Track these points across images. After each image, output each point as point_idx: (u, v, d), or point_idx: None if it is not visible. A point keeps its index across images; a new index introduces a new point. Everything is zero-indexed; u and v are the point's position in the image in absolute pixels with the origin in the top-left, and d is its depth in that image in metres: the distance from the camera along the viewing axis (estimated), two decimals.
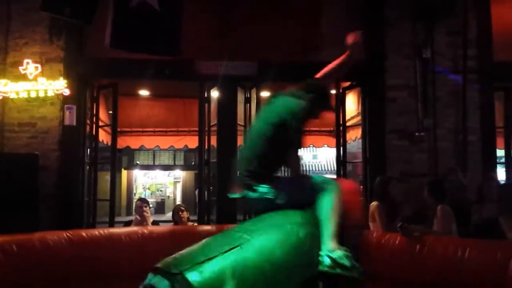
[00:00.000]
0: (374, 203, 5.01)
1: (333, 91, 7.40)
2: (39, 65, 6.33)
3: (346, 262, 2.45)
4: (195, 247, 2.55)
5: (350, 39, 3.11)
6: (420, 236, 3.70)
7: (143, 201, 6.19)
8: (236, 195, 2.86)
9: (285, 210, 2.73)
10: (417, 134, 6.35)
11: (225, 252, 2.38)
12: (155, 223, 6.19)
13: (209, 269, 2.28)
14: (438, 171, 6.25)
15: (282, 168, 2.97)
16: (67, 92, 6.28)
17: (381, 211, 4.85)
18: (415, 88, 6.45)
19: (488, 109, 6.49)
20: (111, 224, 6.64)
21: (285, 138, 2.77)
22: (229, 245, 2.43)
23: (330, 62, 6.14)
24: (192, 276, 2.23)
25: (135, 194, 23.94)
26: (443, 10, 6.36)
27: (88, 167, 6.82)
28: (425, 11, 6.41)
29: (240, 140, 6.93)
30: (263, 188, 2.74)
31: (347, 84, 7.09)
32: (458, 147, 6.39)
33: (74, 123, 6.40)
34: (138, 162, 24.18)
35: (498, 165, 6.81)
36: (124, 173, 23.44)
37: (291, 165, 2.89)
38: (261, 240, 2.51)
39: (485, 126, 6.44)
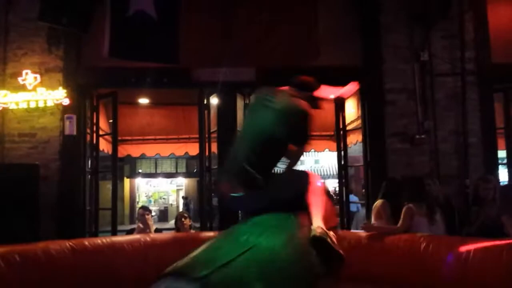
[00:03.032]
0: (379, 201, 5.03)
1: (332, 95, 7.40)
2: (38, 75, 6.34)
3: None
4: (203, 251, 2.54)
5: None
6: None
7: (145, 209, 6.19)
8: (238, 194, 2.86)
9: (275, 213, 2.77)
10: (417, 136, 6.34)
11: (241, 254, 2.38)
12: (157, 230, 6.18)
13: (233, 272, 2.29)
14: (440, 173, 6.25)
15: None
16: (66, 101, 6.29)
17: (386, 209, 4.88)
18: (414, 91, 6.46)
19: (488, 111, 6.50)
20: (114, 232, 6.63)
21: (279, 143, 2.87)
22: (242, 247, 2.43)
23: (327, 67, 6.19)
24: (219, 279, 2.24)
25: (138, 202, 23.93)
26: (439, 13, 6.37)
27: (89, 176, 6.82)
28: (421, 14, 6.43)
29: None
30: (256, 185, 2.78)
31: None
32: (459, 149, 6.39)
33: (75, 133, 6.40)
34: (140, 171, 24.18)
35: (500, 166, 6.79)
36: (127, 181, 23.46)
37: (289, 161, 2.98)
38: (268, 241, 2.52)
39: (485, 127, 6.44)
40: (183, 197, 23.71)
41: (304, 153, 3.15)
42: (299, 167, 3.26)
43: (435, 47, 6.50)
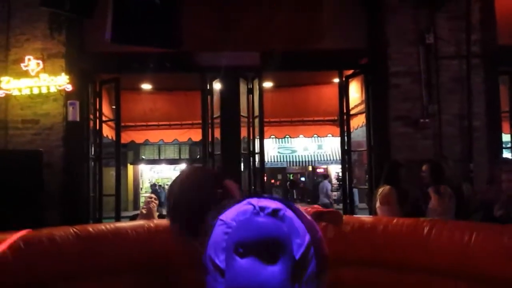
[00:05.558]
0: (387, 187, 4.89)
1: (336, 80, 7.38)
2: (40, 61, 6.31)
3: None
4: None
5: None
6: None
7: (153, 193, 6.21)
8: None
9: None
10: (421, 120, 6.31)
11: None
12: (161, 217, 6.18)
13: None
14: (444, 157, 6.22)
15: None
16: (69, 87, 6.27)
17: (394, 195, 4.76)
18: (418, 74, 6.40)
19: (493, 94, 6.44)
20: (118, 218, 6.66)
21: None
22: None
23: (331, 50, 6.07)
24: None
25: (141, 188, 24.03)
26: None
27: (93, 162, 6.83)
28: None
29: (243, 132, 6.91)
30: None
31: (350, 72, 7.05)
32: (463, 132, 6.35)
33: (78, 119, 6.40)
34: (143, 157, 24.23)
35: (504, 150, 6.75)
36: (130, 168, 23.55)
37: None
38: None
39: (490, 111, 6.39)
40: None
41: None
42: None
43: (441, 29, 6.42)
